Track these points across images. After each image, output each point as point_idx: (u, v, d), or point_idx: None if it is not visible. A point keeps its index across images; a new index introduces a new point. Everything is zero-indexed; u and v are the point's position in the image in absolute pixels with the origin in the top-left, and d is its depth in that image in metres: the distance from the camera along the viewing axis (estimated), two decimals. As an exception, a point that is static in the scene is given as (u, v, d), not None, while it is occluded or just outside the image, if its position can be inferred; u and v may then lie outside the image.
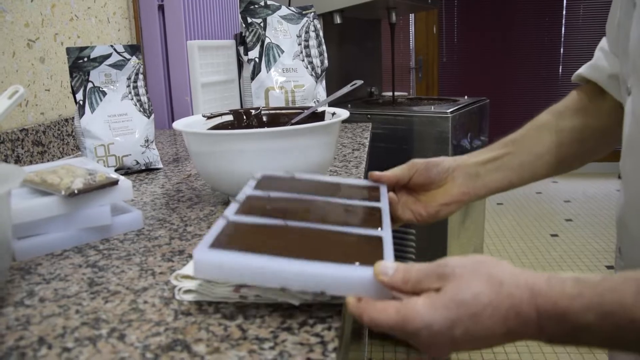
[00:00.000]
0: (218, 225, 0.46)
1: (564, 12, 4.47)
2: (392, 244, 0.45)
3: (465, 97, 2.11)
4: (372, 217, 0.52)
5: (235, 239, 0.44)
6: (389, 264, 0.40)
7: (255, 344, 0.39)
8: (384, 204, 0.57)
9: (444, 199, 0.63)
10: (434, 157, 0.64)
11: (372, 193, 0.60)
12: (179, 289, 0.48)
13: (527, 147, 0.65)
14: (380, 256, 0.42)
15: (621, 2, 0.56)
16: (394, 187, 0.64)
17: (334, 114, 0.82)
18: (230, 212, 0.50)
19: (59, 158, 1.11)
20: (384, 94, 2.41)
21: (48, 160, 1.07)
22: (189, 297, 0.47)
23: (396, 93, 2.14)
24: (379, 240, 0.46)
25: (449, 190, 0.63)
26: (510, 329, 0.36)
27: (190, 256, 0.57)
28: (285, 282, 0.40)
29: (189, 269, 0.50)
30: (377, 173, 0.63)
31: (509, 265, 0.39)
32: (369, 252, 0.43)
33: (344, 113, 0.79)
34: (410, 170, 0.63)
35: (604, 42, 0.65)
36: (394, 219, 0.60)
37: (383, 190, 0.61)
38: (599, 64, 0.64)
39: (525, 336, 0.37)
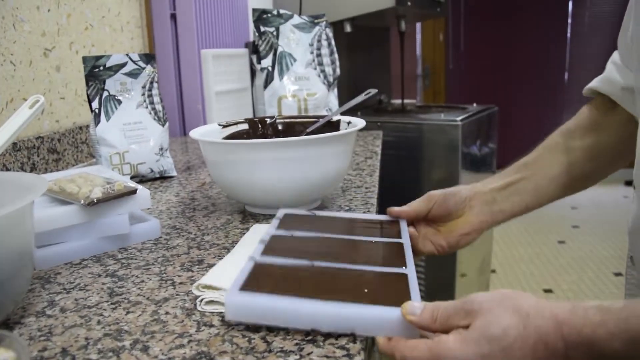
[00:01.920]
0: (246, 267, 0.48)
1: (570, 20, 4.47)
2: (417, 281, 0.47)
3: (474, 104, 2.11)
4: (396, 254, 0.54)
5: (264, 281, 0.46)
6: (416, 304, 0.41)
7: (280, 357, 0.39)
8: (405, 240, 0.58)
9: (463, 229, 0.63)
10: (450, 188, 0.65)
11: (393, 228, 0.61)
12: (201, 300, 0.48)
13: (540, 171, 0.66)
14: (406, 294, 0.44)
15: (635, 15, 0.56)
16: (413, 220, 0.65)
17: (349, 122, 0.82)
18: (257, 254, 0.51)
19: (73, 165, 1.11)
20: (393, 101, 2.41)
21: (63, 168, 1.07)
22: (211, 308, 0.47)
23: (405, 101, 2.14)
24: (404, 278, 0.47)
25: (467, 219, 0.64)
26: None
27: (210, 265, 0.57)
28: (315, 324, 0.42)
29: (209, 278, 0.50)
30: (396, 209, 0.64)
31: (533, 297, 0.39)
32: (396, 291, 0.45)
33: (360, 122, 0.79)
34: (429, 203, 0.64)
35: (615, 56, 0.65)
36: (415, 252, 0.62)
37: (403, 225, 0.62)
38: (611, 77, 0.64)
39: None
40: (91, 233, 0.62)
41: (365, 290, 0.45)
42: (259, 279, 0.46)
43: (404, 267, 0.50)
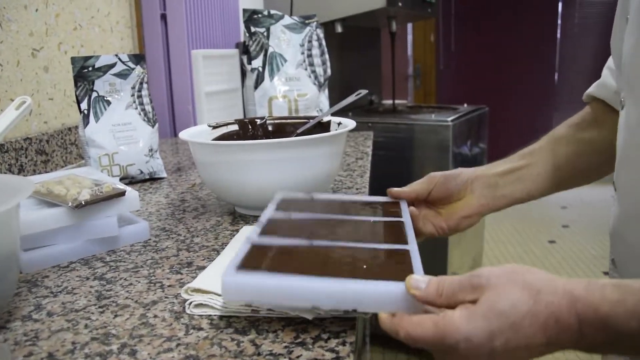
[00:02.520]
0: (243, 248, 0.46)
1: (559, 22, 4.50)
2: (419, 257, 0.45)
3: (465, 105, 2.12)
4: (397, 232, 0.52)
5: (262, 261, 0.44)
6: (420, 278, 0.39)
7: (269, 360, 0.39)
8: (406, 219, 0.57)
9: (464, 211, 0.63)
10: (451, 170, 0.64)
11: (393, 209, 0.60)
12: (190, 303, 0.48)
13: (545, 159, 0.65)
14: (409, 270, 0.42)
15: (618, 18, 0.56)
16: (414, 201, 0.64)
17: (339, 123, 0.82)
18: (254, 234, 0.50)
19: (62, 167, 1.10)
20: (384, 102, 2.42)
21: (51, 170, 1.06)
22: (200, 311, 0.47)
23: (396, 101, 2.15)
24: (406, 254, 0.46)
25: (468, 202, 0.63)
26: (550, 337, 0.36)
27: (199, 268, 0.57)
28: (316, 301, 0.40)
29: (199, 282, 0.50)
30: (396, 190, 0.63)
31: (544, 272, 0.38)
32: (398, 266, 0.43)
33: (350, 123, 0.79)
34: (429, 184, 0.63)
35: (610, 61, 0.65)
36: (416, 233, 0.61)
37: (403, 205, 0.61)
38: (606, 81, 0.65)
39: (565, 345, 0.36)
40: (79, 235, 0.62)
41: (366, 267, 0.43)
42: (256, 259, 0.44)
43: (405, 244, 0.48)
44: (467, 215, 0.63)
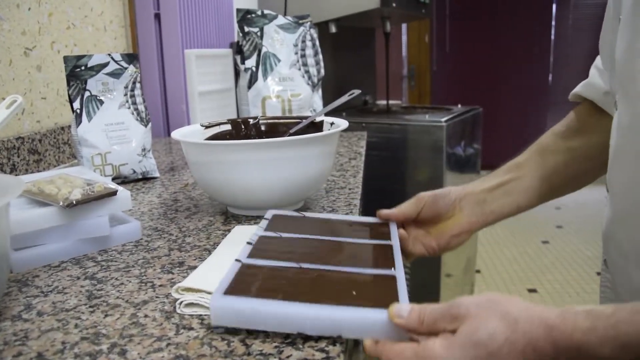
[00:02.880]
0: (232, 269, 0.47)
1: (553, 23, 4.53)
2: (405, 283, 0.46)
3: (459, 105, 2.13)
4: (384, 256, 0.53)
5: (249, 284, 0.45)
6: (403, 306, 0.41)
7: (259, 360, 0.39)
8: (394, 242, 0.57)
9: (453, 230, 0.63)
10: (440, 189, 0.65)
11: (382, 230, 0.61)
12: (180, 303, 0.48)
13: (532, 171, 0.66)
14: (395, 296, 0.43)
15: (608, 19, 0.56)
16: (403, 222, 0.64)
17: (332, 123, 0.82)
18: (243, 255, 0.50)
19: (55, 166, 1.10)
20: (378, 102, 2.42)
21: (44, 169, 1.06)
22: (191, 311, 0.47)
23: (390, 101, 2.15)
24: (392, 280, 0.47)
25: (458, 221, 0.63)
26: None
27: (191, 267, 0.57)
28: (302, 327, 0.41)
29: (189, 281, 0.50)
30: (385, 212, 0.64)
31: (521, 301, 0.39)
32: (384, 293, 0.44)
33: (343, 123, 0.79)
34: (418, 204, 0.63)
35: (598, 61, 0.66)
36: (406, 254, 0.61)
37: (392, 227, 0.62)
38: (594, 81, 0.65)
39: None
40: (70, 235, 0.61)
41: (353, 292, 0.44)
42: (244, 282, 0.45)
43: (392, 269, 0.49)
44: (456, 234, 0.63)
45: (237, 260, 0.49)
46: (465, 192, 0.64)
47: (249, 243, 0.54)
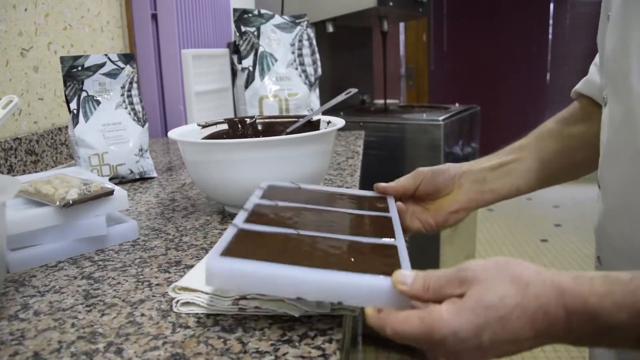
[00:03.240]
0: (228, 233, 0.45)
1: (551, 21, 4.53)
2: (407, 252, 0.45)
3: (457, 104, 2.13)
4: (384, 227, 0.52)
5: (247, 247, 0.42)
6: (407, 272, 0.39)
7: (256, 358, 0.39)
8: (393, 214, 0.56)
9: (451, 206, 0.62)
10: (439, 165, 0.64)
11: (380, 203, 0.60)
12: (177, 301, 0.48)
13: (534, 154, 0.65)
14: (397, 265, 0.42)
15: (602, 16, 0.57)
16: (401, 197, 0.63)
17: (329, 122, 0.82)
18: (240, 220, 0.48)
19: (52, 167, 1.10)
20: (376, 101, 2.42)
21: (41, 170, 1.06)
22: (187, 310, 0.47)
23: (388, 101, 2.15)
24: (393, 249, 0.45)
25: (456, 197, 0.62)
26: (538, 331, 0.35)
27: (187, 267, 0.57)
28: (301, 292, 0.39)
29: (186, 280, 0.50)
30: (382, 185, 0.63)
31: (532, 265, 0.38)
32: (385, 261, 0.43)
33: (339, 122, 0.79)
34: (416, 179, 0.62)
35: (597, 58, 0.66)
36: (403, 229, 0.60)
37: (390, 200, 0.61)
38: (592, 78, 0.65)
39: (553, 338, 0.36)
40: (67, 235, 0.61)
41: (353, 260, 0.42)
42: (241, 246, 0.43)
43: (393, 239, 0.48)
44: (454, 211, 0.62)
45: (233, 225, 0.47)
46: (464, 169, 0.63)
47: (244, 210, 0.51)
